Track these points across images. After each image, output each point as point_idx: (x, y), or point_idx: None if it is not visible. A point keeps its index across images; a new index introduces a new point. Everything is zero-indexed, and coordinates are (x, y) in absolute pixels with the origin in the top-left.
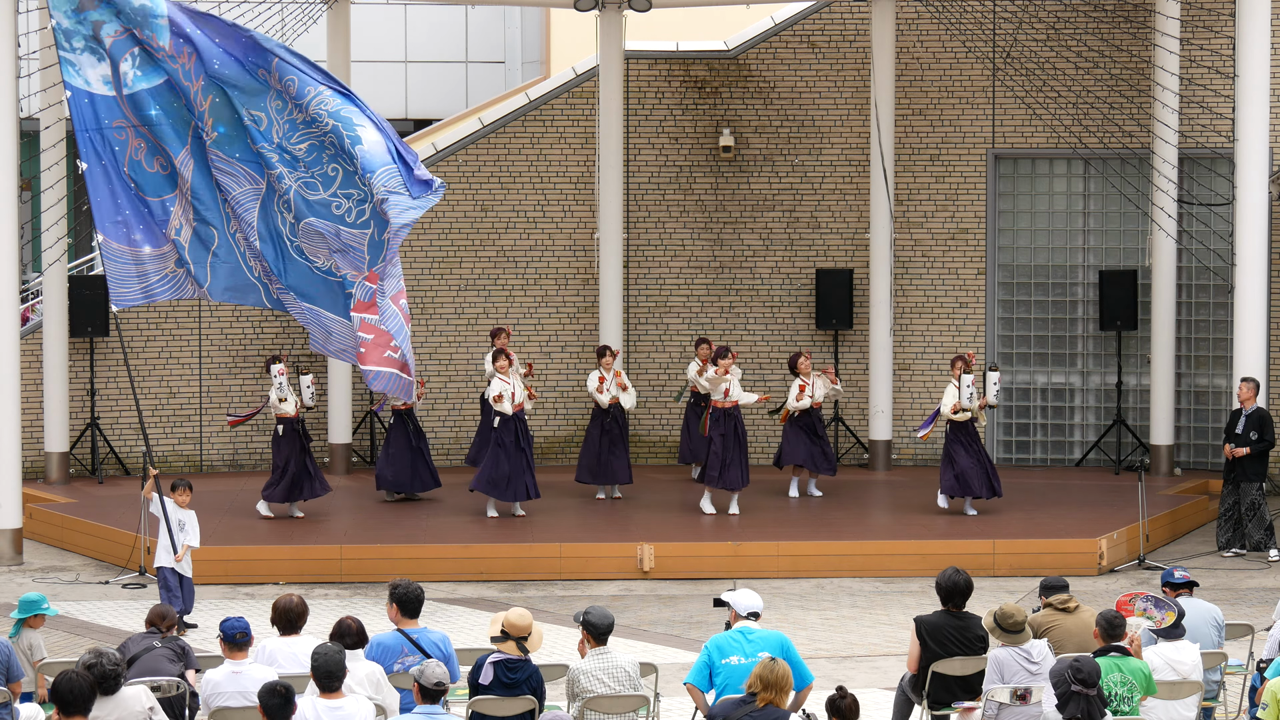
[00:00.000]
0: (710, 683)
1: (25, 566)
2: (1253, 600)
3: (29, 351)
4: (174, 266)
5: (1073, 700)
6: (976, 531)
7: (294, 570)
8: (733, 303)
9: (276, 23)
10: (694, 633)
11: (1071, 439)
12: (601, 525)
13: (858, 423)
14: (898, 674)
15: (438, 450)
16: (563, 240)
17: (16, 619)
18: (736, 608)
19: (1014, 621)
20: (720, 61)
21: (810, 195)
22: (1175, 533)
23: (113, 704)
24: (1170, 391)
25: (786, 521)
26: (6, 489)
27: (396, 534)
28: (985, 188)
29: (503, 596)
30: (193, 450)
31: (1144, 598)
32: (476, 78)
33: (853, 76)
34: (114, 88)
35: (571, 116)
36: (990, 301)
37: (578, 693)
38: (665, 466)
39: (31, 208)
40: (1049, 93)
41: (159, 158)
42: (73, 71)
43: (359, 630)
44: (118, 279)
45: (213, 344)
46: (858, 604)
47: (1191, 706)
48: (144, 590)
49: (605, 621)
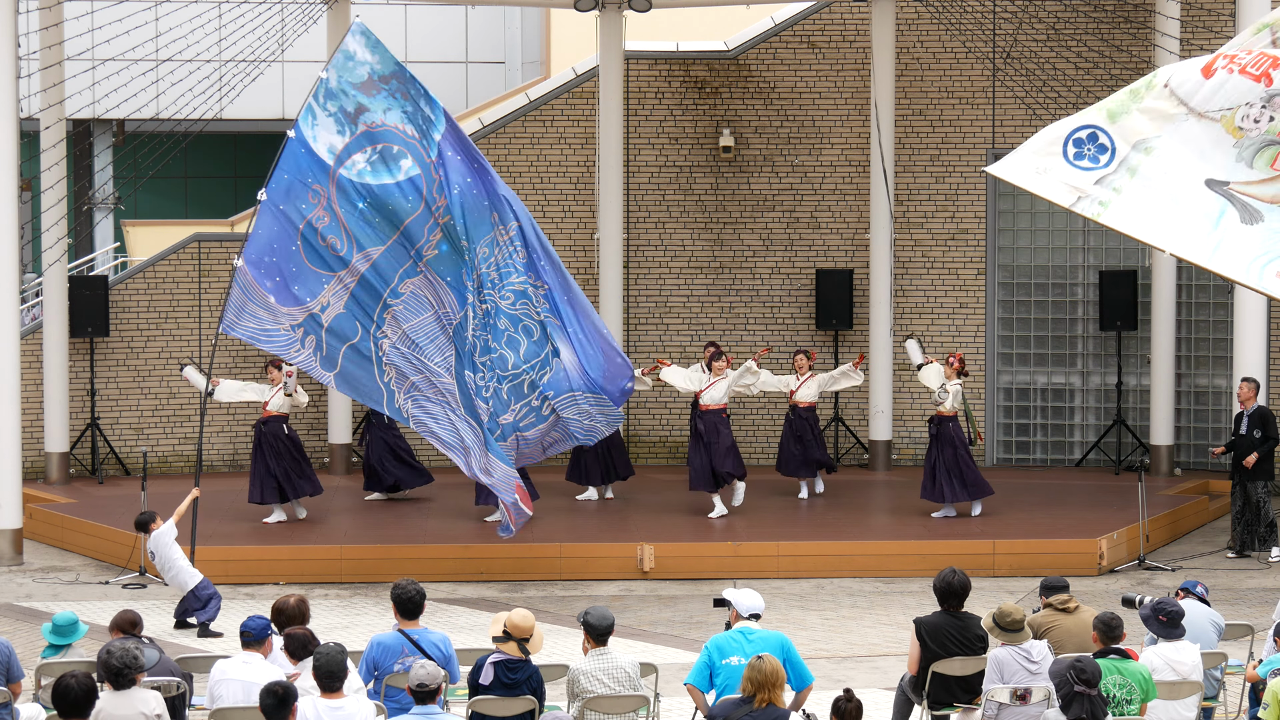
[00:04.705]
0: (710, 683)
1: (25, 566)
2: (1253, 600)
3: (29, 351)
4: (289, 329)
5: (1076, 701)
6: (976, 531)
7: (294, 570)
8: (733, 303)
9: (276, 23)
10: (694, 633)
11: (1071, 439)
12: (601, 525)
13: (858, 423)
14: (898, 674)
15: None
16: (563, 240)
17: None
18: (739, 607)
19: (1012, 621)
20: (720, 62)
21: (810, 195)
22: (1175, 533)
23: (124, 700)
24: (1170, 391)
25: (786, 521)
26: (6, 489)
27: (396, 534)
28: (985, 188)
29: (503, 596)
30: (193, 450)
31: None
32: (476, 78)
33: (853, 76)
34: (334, 161)
35: (571, 117)
36: (990, 301)
37: (578, 693)
38: (665, 467)
39: (31, 208)
40: (1049, 93)
41: (335, 238)
42: (310, 121)
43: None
44: (237, 306)
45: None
46: (858, 604)
47: (1191, 707)
48: (144, 590)
49: (604, 622)
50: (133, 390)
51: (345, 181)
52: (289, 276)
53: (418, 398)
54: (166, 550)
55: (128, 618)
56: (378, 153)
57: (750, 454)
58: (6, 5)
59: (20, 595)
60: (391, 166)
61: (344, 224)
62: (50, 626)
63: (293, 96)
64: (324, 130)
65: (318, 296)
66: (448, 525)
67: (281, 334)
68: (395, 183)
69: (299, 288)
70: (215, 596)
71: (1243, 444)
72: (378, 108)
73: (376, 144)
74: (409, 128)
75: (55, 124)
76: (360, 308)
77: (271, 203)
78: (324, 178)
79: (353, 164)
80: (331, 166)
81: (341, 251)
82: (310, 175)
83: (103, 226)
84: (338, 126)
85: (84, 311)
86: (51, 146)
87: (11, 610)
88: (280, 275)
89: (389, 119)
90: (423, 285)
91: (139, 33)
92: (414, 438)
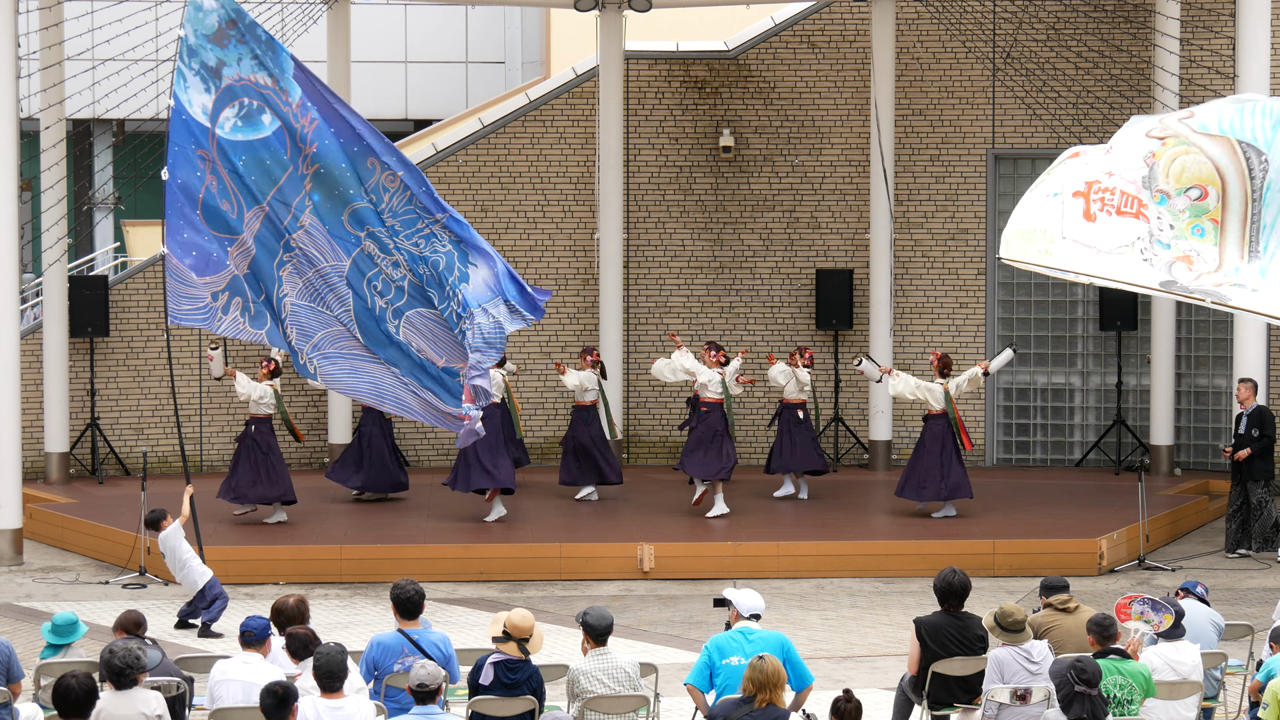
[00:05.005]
0: (710, 683)
1: (25, 566)
2: (1253, 600)
3: (29, 351)
4: (210, 298)
5: (1076, 701)
6: (976, 531)
7: (294, 570)
8: (733, 303)
9: (276, 23)
10: (694, 633)
11: (1071, 439)
12: (601, 525)
13: (858, 423)
14: (898, 674)
15: (440, 451)
16: (563, 240)
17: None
18: (739, 607)
19: (1014, 621)
20: (720, 61)
21: (810, 195)
22: (1175, 533)
23: (124, 700)
24: (1170, 391)
25: (786, 521)
26: (6, 489)
27: (396, 534)
28: (985, 188)
29: (503, 596)
30: (193, 450)
31: (1141, 600)
32: (476, 78)
33: (853, 76)
34: (209, 121)
35: (571, 117)
36: (990, 301)
37: (578, 693)
38: (666, 467)
39: (31, 208)
40: (1049, 93)
41: (225, 201)
42: (183, 86)
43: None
44: (174, 295)
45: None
46: (858, 604)
47: (1191, 707)
48: (144, 590)
49: (604, 622)
50: (133, 390)
51: (223, 142)
52: (203, 247)
53: (328, 353)
54: (176, 549)
55: (132, 618)
56: (243, 108)
57: (749, 455)
58: (6, 5)
59: (20, 595)
60: (255, 123)
61: (230, 186)
62: (49, 626)
63: None
64: (195, 92)
65: (228, 262)
66: (448, 525)
67: (204, 308)
68: (262, 139)
69: (216, 253)
70: (221, 597)
71: (1242, 444)
72: (231, 60)
73: (238, 99)
74: (262, 76)
75: (55, 124)
76: (262, 268)
77: (173, 179)
78: (206, 140)
79: (224, 121)
80: (210, 128)
81: (233, 215)
82: (194, 141)
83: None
84: (204, 85)
85: (84, 311)
86: (51, 146)
87: (11, 610)
88: (196, 249)
89: (243, 70)
90: (306, 239)
91: (139, 33)
92: (410, 436)
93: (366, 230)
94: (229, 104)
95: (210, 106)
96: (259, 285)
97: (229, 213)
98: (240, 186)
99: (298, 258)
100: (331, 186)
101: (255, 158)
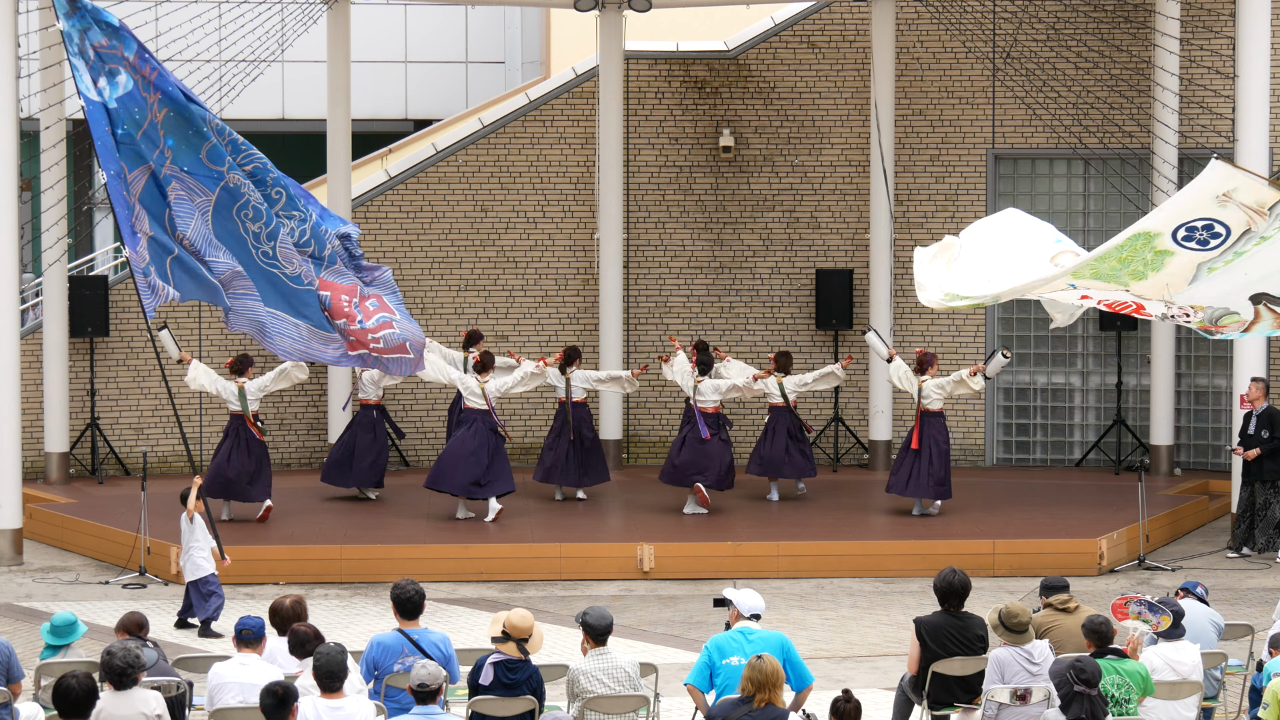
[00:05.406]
0: (710, 683)
1: (25, 566)
2: (1253, 600)
3: (29, 351)
4: (143, 275)
5: (1075, 701)
6: (976, 532)
7: (294, 570)
8: (733, 303)
9: (276, 23)
10: (694, 633)
11: (1071, 439)
12: (601, 525)
13: (858, 423)
14: (898, 674)
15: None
16: (563, 240)
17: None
18: (740, 607)
19: (1018, 621)
20: (720, 61)
21: (810, 195)
22: (1175, 533)
23: (124, 700)
24: (1170, 391)
25: (786, 521)
26: (6, 489)
27: (396, 534)
28: (985, 188)
29: (503, 596)
30: (193, 450)
31: (1138, 601)
32: (476, 78)
33: (853, 76)
34: (100, 97)
35: (571, 117)
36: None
37: (578, 693)
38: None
39: (31, 208)
40: (1049, 93)
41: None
42: (79, 78)
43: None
44: (144, 289)
45: (213, 344)
46: (858, 604)
47: (1191, 707)
48: (144, 590)
49: (603, 622)
50: (133, 390)
51: (111, 110)
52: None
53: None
54: (189, 534)
55: (134, 619)
56: (104, 73)
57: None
58: (6, 5)
59: (20, 595)
60: (113, 84)
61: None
62: (49, 627)
63: (293, 97)
64: (85, 77)
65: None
66: (448, 525)
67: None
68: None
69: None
70: (215, 596)
71: (1251, 445)
72: (77, 30)
73: (104, 66)
74: (103, 39)
75: (55, 124)
76: (160, 226)
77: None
78: (103, 115)
79: (102, 90)
80: (103, 103)
81: (131, 180)
82: (103, 124)
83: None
84: (84, 63)
85: (84, 311)
86: (51, 146)
87: (11, 610)
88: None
89: (92, 38)
90: (179, 187)
91: (139, 33)
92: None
93: (227, 163)
94: (100, 73)
95: (99, 82)
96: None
97: (130, 180)
98: (127, 151)
99: (176, 211)
100: (184, 128)
101: (125, 118)
